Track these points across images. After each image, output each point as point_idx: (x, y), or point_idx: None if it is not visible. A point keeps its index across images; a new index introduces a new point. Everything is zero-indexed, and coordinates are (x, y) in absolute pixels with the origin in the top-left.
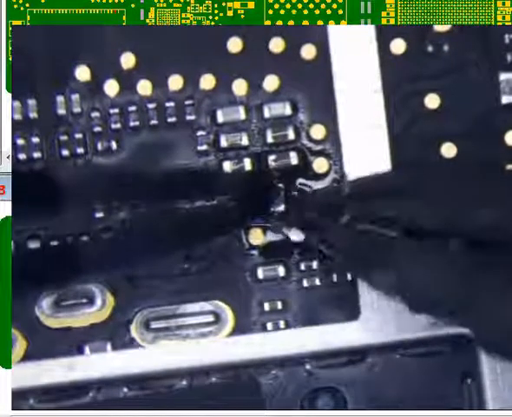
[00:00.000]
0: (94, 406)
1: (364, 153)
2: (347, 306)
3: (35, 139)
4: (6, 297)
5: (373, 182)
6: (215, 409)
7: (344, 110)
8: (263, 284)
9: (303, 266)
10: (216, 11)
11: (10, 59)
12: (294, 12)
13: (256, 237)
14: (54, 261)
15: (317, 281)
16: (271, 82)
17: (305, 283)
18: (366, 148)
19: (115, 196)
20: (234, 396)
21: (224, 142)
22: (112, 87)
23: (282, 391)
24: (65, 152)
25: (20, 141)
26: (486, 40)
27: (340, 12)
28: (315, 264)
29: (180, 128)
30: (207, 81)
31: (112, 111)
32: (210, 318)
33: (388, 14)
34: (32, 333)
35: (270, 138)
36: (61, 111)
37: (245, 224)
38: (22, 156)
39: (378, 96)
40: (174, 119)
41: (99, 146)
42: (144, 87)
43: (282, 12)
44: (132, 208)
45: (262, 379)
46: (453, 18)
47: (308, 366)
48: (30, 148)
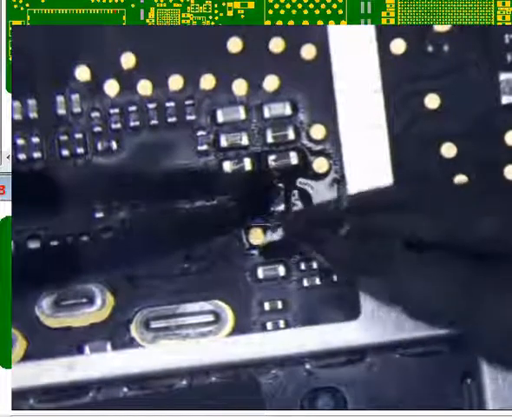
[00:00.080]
0: (94, 406)
1: (364, 153)
2: (347, 305)
3: (35, 139)
4: (6, 297)
5: (372, 197)
6: (215, 409)
7: (344, 110)
8: (263, 284)
9: (303, 265)
10: (216, 11)
11: (10, 59)
12: (294, 12)
13: (256, 237)
14: (54, 261)
15: (317, 281)
16: (271, 82)
17: (305, 283)
18: (366, 148)
19: (115, 196)
20: (234, 396)
21: (224, 142)
22: (112, 87)
23: (282, 391)
24: (65, 152)
25: (20, 141)
26: (486, 40)
27: (340, 12)
28: (315, 264)
29: (180, 128)
30: (207, 81)
31: (112, 111)
32: (210, 318)
33: (388, 14)
34: (32, 333)
35: (270, 138)
36: (61, 111)
37: (245, 224)
38: (22, 156)
39: (378, 96)
40: (175, 119)
41: (99, 146)
42: (144, 87)
43: (282, 12)
44: (132, 208)
45: (262, 378)
46: (453, 18)
47: (308, 365)
48: (30, 148)
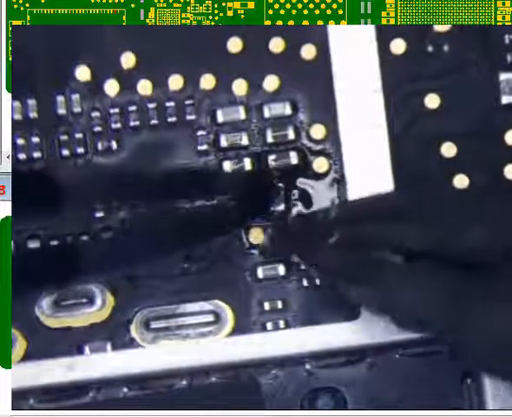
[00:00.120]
0: (94, 406)
1: (364, 153)
2: (347, 306)
3: (35, 139)
4: (6, 297)
5: (361, 206)
6: (215, 409)
7: (344, 110)
8: (263, 283)
9: (303, 265)
10: (216, 11)
11: (10, 59)
12: (294, 12)
13: (256, 237)
14: (54, 261)
15: (317, 281)
16: (271, 82)
17: (305, 283)
18: (366, 147)
19: (115, 196)
20: (234, 396)
21: (224, 142)
22: (112, 87)
23: (282, 391)
24: (65, 152)
25: (20, 140)
26: (486, 40)
27: (340, 12)
28: None
29: (180, 127)
30: (207, 81)
31: (112, 111)
32: (210, 318)
33: (388, 14)
34: (32, 333)
35: (270, 138)
36: (61, 111)
37: (245, 224)
38: (22, 156)
39: (378, 96)
40: (175, 119)
41: (99, 146)
42: (144, 87)
43: (282, 12)
44: (132, 208)
45: (262, 379)
46: (453, 18)
47: (308, 365)
48: (30, 147)
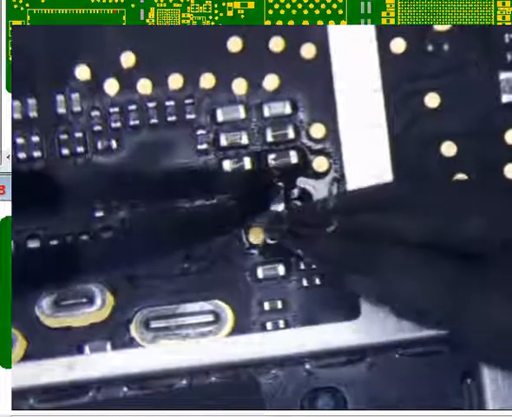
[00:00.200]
0: (93, 405)
1: (364, 152)
2: (347, 305)
3: (35, 138)
4: (6, 297)
5: (359, 196)
6: (215, 409)
7: (344, 110)
8: (263, 283)
9: (303, 265)
10: (216, 11)
11: (10, 59)
12: (294, 12)
13: (256, 236)
14: (54, 261)
15: (317, 281)
16: (271, 81)
17: (305, 283)
18: (366, 147)
19: (115, 195)
20: (234, 396)
21: (224, 141)
22: (112, 86)
23: (282, 391)
24: (65, 151)
25: (20, 140)
26: (486, 40)
27: (340, 12)
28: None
29: (180, 127)
30: (207, 80)
31: (112, 110)
32: (210, 317)
33: (388, 14)
34: (32, 333)
35: (270, 137)
36: (61, 110)
37: (245, 223)
38: (22, 155)
39: (378, 96)
40: (174, 118)
41: (99, 145)
42: (144, 86)
43: (282, 12)
44: (132, 208)
45: (262, 378)
46: (453, 18)
47: (308, 365)
48: (30, 147)
